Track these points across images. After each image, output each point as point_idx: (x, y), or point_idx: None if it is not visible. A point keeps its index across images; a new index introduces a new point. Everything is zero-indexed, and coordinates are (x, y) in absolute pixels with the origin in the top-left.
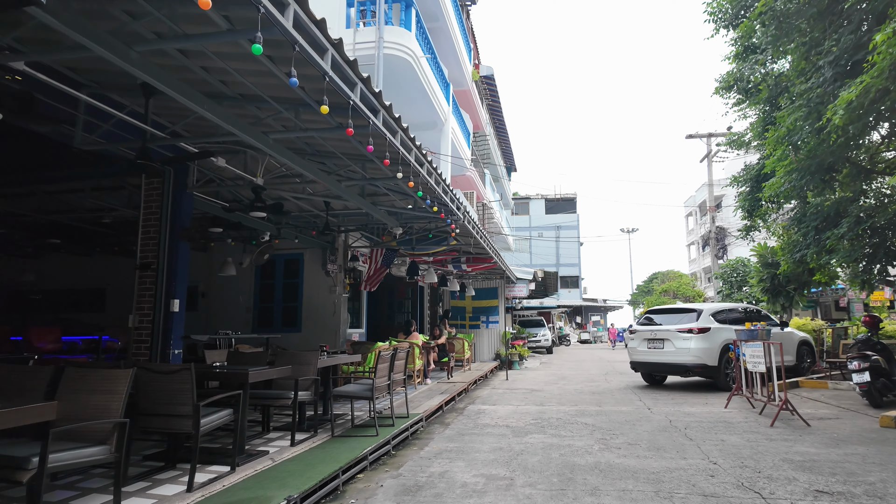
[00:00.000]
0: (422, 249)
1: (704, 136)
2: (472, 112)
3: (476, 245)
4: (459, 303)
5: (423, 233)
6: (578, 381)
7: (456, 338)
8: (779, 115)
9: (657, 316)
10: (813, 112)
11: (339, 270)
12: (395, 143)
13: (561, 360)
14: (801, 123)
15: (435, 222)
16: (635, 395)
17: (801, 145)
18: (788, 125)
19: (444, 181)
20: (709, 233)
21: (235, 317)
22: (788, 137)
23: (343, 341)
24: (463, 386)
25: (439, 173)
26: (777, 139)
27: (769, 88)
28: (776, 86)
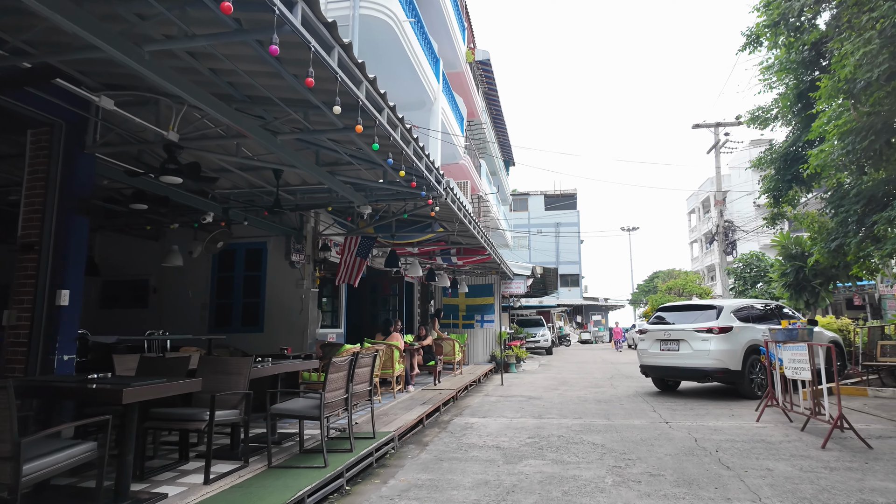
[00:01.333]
0: (404, 238)
1: (712, 126)
2: (467, 97)
3: (466, 234)
4: (452, 300)
5: (397, 215)
6: (581, 386)
7: (445, 338)
8: (834, 60)
9: (670, 314)
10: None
11: (308, 261)
12: (343, 76)
13: (561, 361)
14: (873, 61)
15: (413, 200)
16: (647, 405)
17: (866, 96)
18: (853, 64)
19: (414, 138)
20: (716, 228)
21: (191, 315)
22: (849, 86)
23: (311, 343)
24: (450, 393)
25: (408, 128)
26: (833, 89)
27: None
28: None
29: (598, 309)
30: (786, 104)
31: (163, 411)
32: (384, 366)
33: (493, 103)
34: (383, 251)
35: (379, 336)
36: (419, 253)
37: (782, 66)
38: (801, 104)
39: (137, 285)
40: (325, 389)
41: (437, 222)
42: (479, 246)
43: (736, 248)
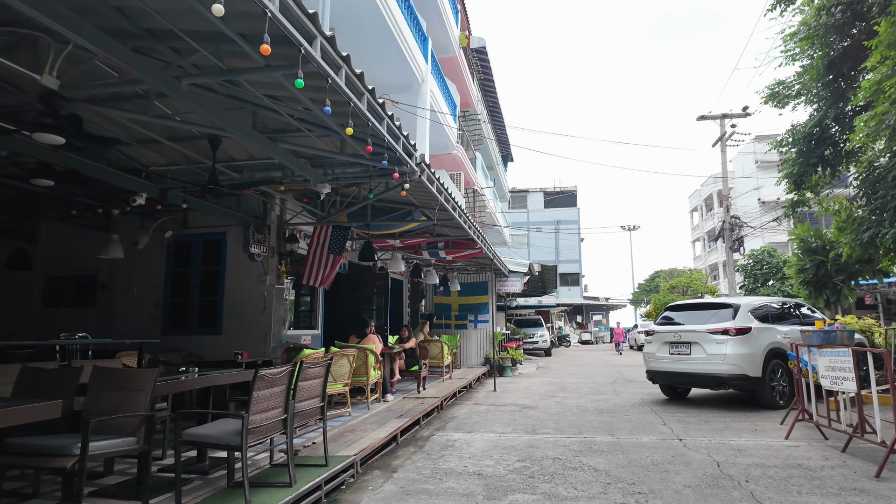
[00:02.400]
0: (381, 227)
1: (718, 118)
2: (461, 84)
3: (451, 223)
4: (444, 299)
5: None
6: (581, 392)
7: (433, 341)
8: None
9: (680, 314)
10: None
11: (272, 254)
12: None
13: (560, 363)
14: None
15: (383, 179)
16: (656, 416)
17: None
18: None
19: (369, 88)
20: (723, 224)
21: (143, 315)
22: None
23: (275, 347)
24: (434, 403)
25: (358, 73)
26: (891, 38)
27: None
28: None
29: (598, 309)
30: (813, 75)
31: (18, 442)
32: (357, 372)
33: (490, 94)
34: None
35: (353, 338)
36: (403, 246)
37: (810, 32)
38: (830, 76)
39: (84, 281)
40: (251, 410)
41: (417, 209)
42: (468, 238)
43: (743, 244)
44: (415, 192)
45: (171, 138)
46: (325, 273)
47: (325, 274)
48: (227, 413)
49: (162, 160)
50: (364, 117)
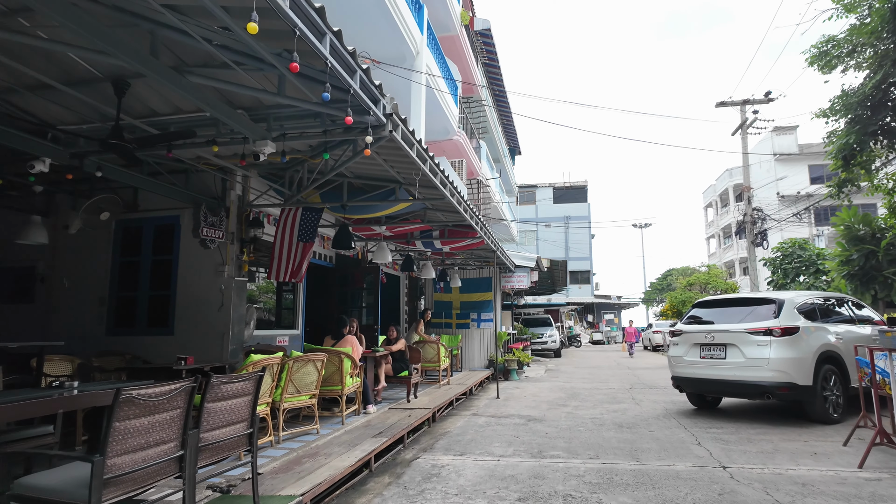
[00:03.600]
0: (362, 210)
1: (738, 104)
2: (463, 66)
3: (442, 203)
4: (444, 296)
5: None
6: (596, 400)
7: (429, 341)
8: None
9: (711, 311)
10: None
11: (230, 240)
12: None
13: (571, 365)
14: None
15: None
16: (687, 432)
17: None
18: None
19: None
20: (744, 216)
21: (87, 312)
22: None
23: (236, 350)
24: (424, 415)
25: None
26: None
27: None
28: None
29: (610, 307)
30: (874, 25)
31: None
32: (329, 380)
33: (495, 81)
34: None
35: (328, 340)
36: (394, 235)
37: None
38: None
39: (21, 274)
40: (111, 448)
41: (401, 187)
42: (465, 225)
43: (767, 238)
44: (391, 159)
45: (68, 82)
46: (294, 265)
47: (294, 266)
48: (73, 455)
49: (70, 116)
50: (306, 38)
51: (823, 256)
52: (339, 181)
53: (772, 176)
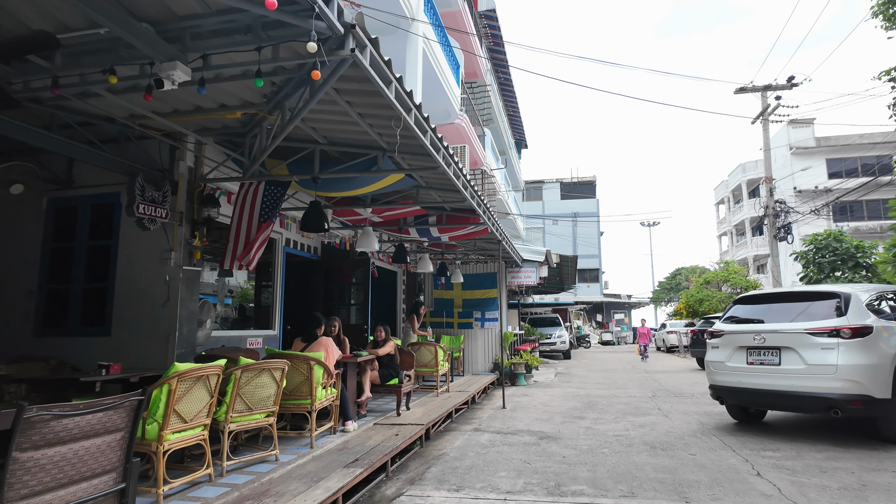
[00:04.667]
0: (338, 186)
1: (760, 90)
2: (465, 44)
3: (441, 182)
4: (445, 293)
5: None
6: (617, 411)
7: (426, 344)
8: None
9: (757, 307)
10: None
11: (179, 221)
12: None
13: (583, 368)
14: None
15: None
16: (737, 456)
17: None
18: None
19: None
20: (765, 209)
21: (13, 308)
22: None
23: (184, 353)
24: (416, 432)
25: None
26: None
27: None
28: None
29: (619, 307)
30: None
31: None
32: (294, 393)
33: (501, 67)
34: None
35: (297, 343)
36: (384, 221)
37: None
38: None
39: None
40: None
41: (384, 153)
42: (466, 209)
43: (791, 231)
44: (366, 110)
45: None
46: (249, 248)
47: (249, 250)
48: None
49: None
50: None
51: (864, 248)
52: (308, 148)
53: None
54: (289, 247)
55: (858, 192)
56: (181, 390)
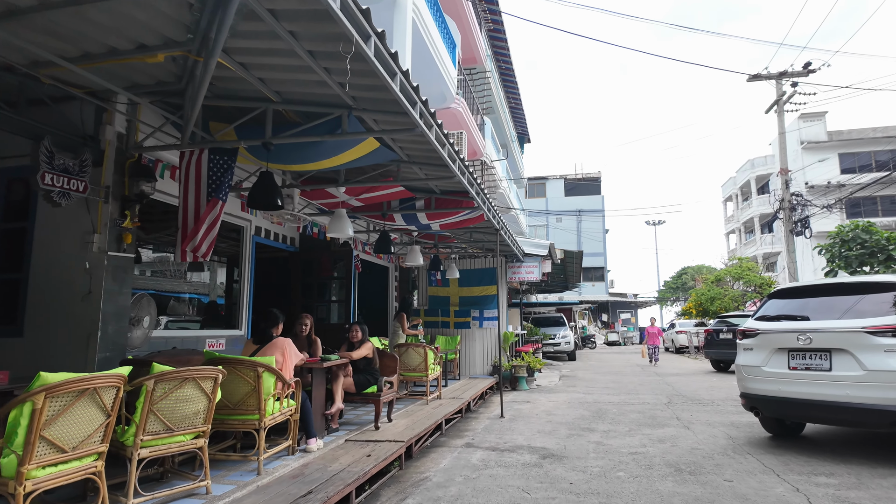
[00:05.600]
0: (297, 155)
1: (774, 78)
2: (463, 25)
3: (425, 155)
4: (441, 290)
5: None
6: (630, 421)
7: (415, 346)
8: None
9: (798, 302)
10: None
11: (104, 196)
12: None
13: (589, 370)
14: None
15: None
16: (785, 484)
17: None
18: None
19: None
20: (780, 203)
21: None
22: None
23: (107, 358)
24: (394, 451)
25: None
26: None
27: None
28: None
29: (625, 306)
30: None
31: None
32: (240, 407)
33: (502, 55)
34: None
35: (249, 345)
36: (365, 206)
37: None
38: None
39: None
40: None
41: (350, 112)
42: (457, 190)
43: (808, 225)
44: (317, 46)
45: None
46: (195, 233)
47: (195, 234)
48: None
49: None
50: None
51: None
52: (259, 108)
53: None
54: (259, 236)
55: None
56: (53, 409)
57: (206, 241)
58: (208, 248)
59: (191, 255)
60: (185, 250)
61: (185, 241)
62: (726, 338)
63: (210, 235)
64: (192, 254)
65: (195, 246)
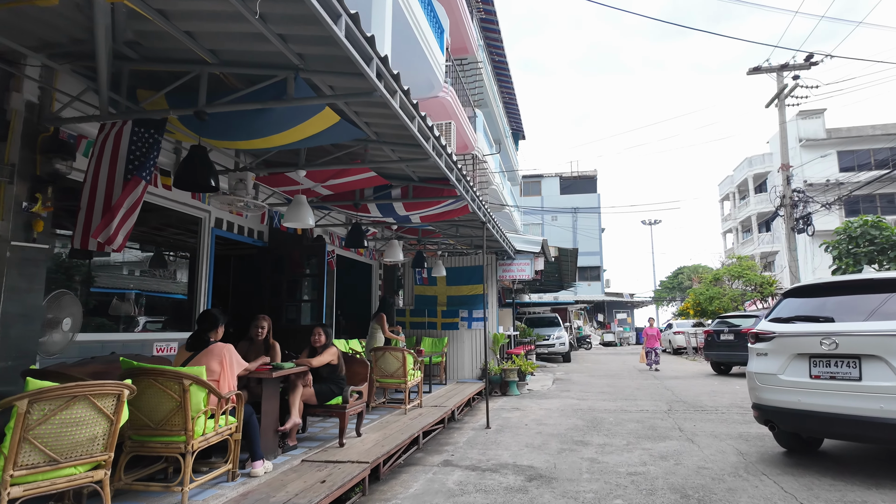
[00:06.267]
0: (239, 128)
1: (775, 70)
2: (452, 11)
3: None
4: (427, 289)
5: None
6: (628, 433)
7: (392, 350)
8: None
9: (815, 300)
10: None
11: (9, 177)
12: None
13: (584, 373)
14: None
15: None
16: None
17: None
18: None
19: None
20: (781, 199)
21: None
22: None
23: (9, 368)
24: (355, 474)
25: None
26: None
27: None
28: None
29: (621, 306)
30: None
31: None
32: (165, 427)
33: (495, 46)
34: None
35: (181, 353)
36: (335, 194)
37: None
38: None
39: None
40: None
41: (297, 73)
42: (436, 177)
43: (811, 223)
44: None
45: None
46: (110, 218)
47: (110, 220)
48: None
49: None
50: None
51: None
52: (192, 70)
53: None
54: (220, 229)
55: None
56: None
57: (124, 228)
58: (125, 237)
59: (95, 243)
60: (85, 234)
61: (99, 228)
62: (727, 339)
63: (128, 222)
64: (103, 242)
65: (110, 234)
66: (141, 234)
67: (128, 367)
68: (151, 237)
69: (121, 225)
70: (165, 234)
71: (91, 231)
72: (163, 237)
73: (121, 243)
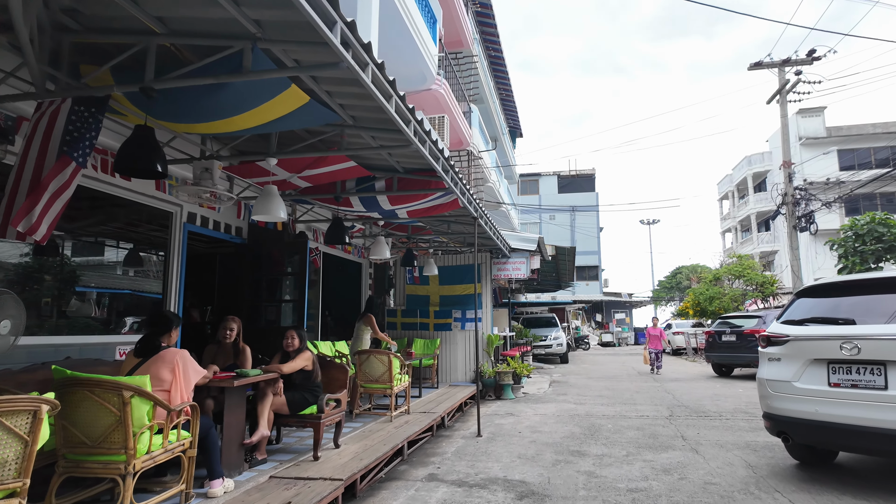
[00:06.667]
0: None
1: (777, 66)
2: (446, 1)
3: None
4: (419, 289)
5: None
6: (628, 442)
7: (377, 353)
8: None
9: (831, 301)
10: None
11: None
12: None
13: (582, 375)
14: None
15: None
16: None
17: None
18: None
19: None
20: (783, 197)
21: None
22: None
23: None
24: (326, 494)
25: None
26: None
27: None
28: None
29: (620, 306)
30: None
31: None
32: (104, 445)
33: (491, 41)
34: None
35: (129, 359)
36: (314, 186)
37: None
38: None
39: None
40: None
41: (255, 43)
42: (422, 168)
43: (814, 221)
44: None
45: None
46: (33, 203)
47: (32, 205)
48: None
49: None
50: None
51: None
52: (139, 42)
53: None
54: (194, 224)
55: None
56: None
57: (48, 215)
58: (49, 227)
59: (14, 232)
60: (12, 226)
61: (19, 215)
62: (729, 340)
63: (54, 208)
64: (24, 232)
65: (32, 222)
66: (115, 231)
67: (60, 375)
68: (126, 234)
69: (45, 212)
70: (141, 231)
71: (10, 218)
72: (138, 233)
73: (45, 233)
